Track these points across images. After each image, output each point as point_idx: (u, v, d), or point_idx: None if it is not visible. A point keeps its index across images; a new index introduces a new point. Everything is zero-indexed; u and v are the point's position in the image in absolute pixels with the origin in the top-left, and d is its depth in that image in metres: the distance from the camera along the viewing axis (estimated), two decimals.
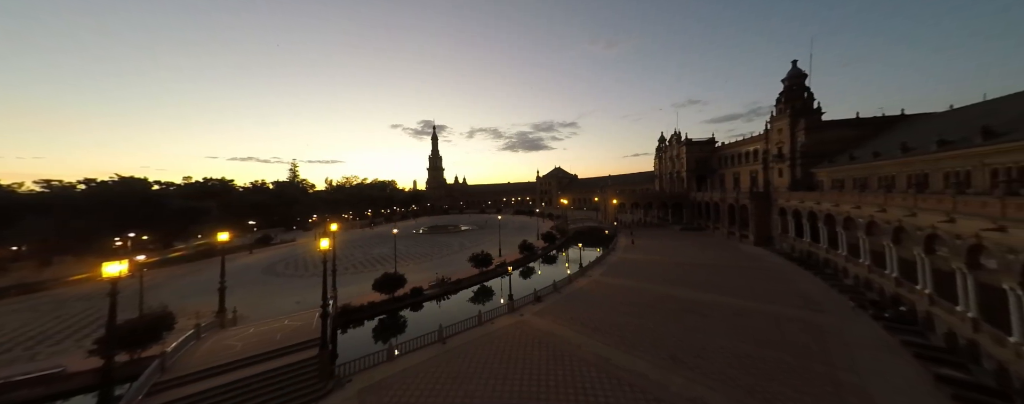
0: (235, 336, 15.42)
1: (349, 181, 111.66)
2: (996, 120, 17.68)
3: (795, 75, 38.34)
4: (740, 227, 38.60)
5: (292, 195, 76.78)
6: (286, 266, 34.39)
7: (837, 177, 29.75)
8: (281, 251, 44.34)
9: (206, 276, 29.99)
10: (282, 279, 28.90)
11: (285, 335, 15.20)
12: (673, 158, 63.18)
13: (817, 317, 16.16)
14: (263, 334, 15.51)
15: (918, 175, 20.62)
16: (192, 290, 26.06)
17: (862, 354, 12.57)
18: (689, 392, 10.53)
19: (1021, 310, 10.10)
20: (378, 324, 19.75)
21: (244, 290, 24.96)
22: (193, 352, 13.70)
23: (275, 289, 25.52)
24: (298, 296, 22.85)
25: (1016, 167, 14.66)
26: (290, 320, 17.39)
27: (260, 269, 33.38)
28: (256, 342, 14.52)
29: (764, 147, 41.68)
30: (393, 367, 12.90)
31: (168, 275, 32.44)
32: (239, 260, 38.61)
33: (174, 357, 12.99)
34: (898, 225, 16.68)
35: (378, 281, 21.68)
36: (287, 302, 21.59)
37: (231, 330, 16.39)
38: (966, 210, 12.42)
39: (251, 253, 43.61)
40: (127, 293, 20.29)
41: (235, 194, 69.69)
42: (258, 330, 16.10)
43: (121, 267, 8.31)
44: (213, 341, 14.84)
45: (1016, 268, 10.04)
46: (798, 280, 22.57)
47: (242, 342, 14.60)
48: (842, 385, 10.66)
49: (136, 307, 17.13)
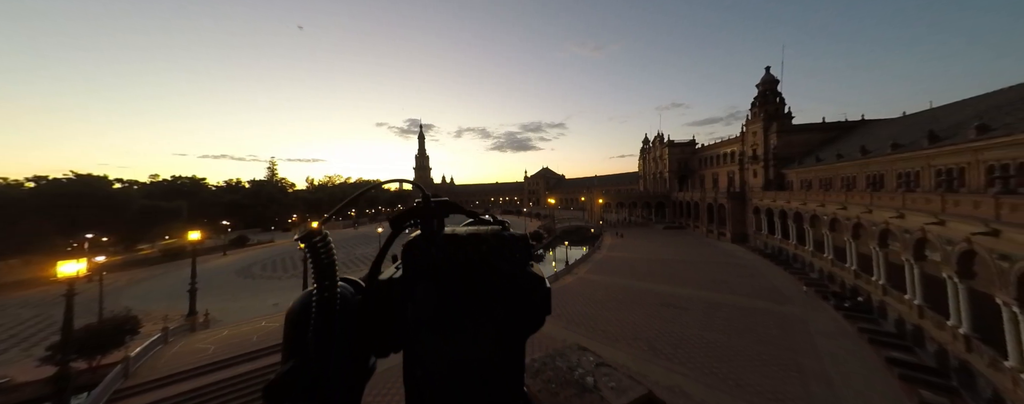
0: (207, 339, 14.81)
1: (331, 180, 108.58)
2: (939, 126, 19.36)
3: (768, 81, 40.41)
4: (718, 225, 40.29)
5: (270, 194, 73.75)
6: (263, 268, 33.20)
7: (805, 177, 31.60)
8: (258, 252, 42.78)
9: (174, 279, 28.60)
10: (259, 281, 27.94)
11: (262, 337, 14.70)
12: (656, 159, 65.10)
13: (785, 308, 17.18)
14: (238, 336, 14.96)
15: (875, 175, 22.26)
16: (158, 293, 24.80)
17: (823, 341, 13.50)
18: (667, 381, 11.04)
19: (958, 297, 11.17)
20: None
21: (217, 292, 24.01)
22: (160, 357, 13.07)
23: (251, 291, 24.64)
24: (276, 298, 22.12)
25: (956, 167, 16.13)
26: (268, 322, 16.81)
27: (234, 271, 32.08)
28: (231, 345, 13.99)
29: (740, 149, 43.67)
30: (378, 365, 12.80)
31: (131, 278, 30.73)
32: (212, 262, 36.97)
33: (139, 362, 12.31)
34: (857, 222, 17.98)
35: None
36: (264, 304, 20.87)
37: (202, 333, 15.72)
38: (913, 207, 13.58)
39: (225, 255, 41.78)
40: (84, 298, 19.08)
41: (207, 193, 66.33)
42: (233, 332, 15.51)
43: (78, 267, 7.90)
44: (182, 345, 14.20)
45: (953, 258, 11.09)
46: (769, 275, 23.85)
47: (215, 345, 14.05)
48: (805, 369, 11.46)
49: (95, 312, 16.14)
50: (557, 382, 1.53)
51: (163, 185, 62.55)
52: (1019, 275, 8.64)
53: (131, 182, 58.30)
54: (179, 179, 65.56)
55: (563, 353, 1.83)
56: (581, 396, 1.42)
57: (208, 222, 52.27)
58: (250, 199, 68.91)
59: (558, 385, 1.50)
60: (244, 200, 67.69)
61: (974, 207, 10.62)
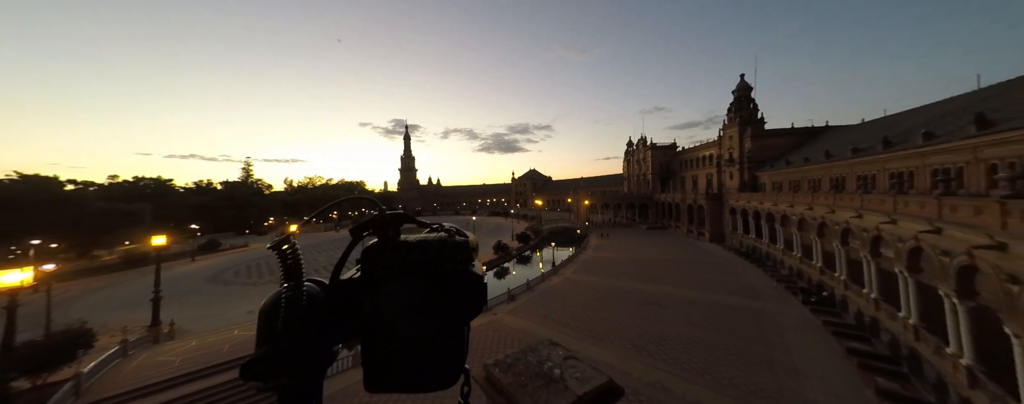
0: (172, 351, 13.95)
1: (312, 182, 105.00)
2: (892, 132, 21.02)
3: (743, 88, 42.48)
4: (698, 225, 41.87)
5: (245, 196, 70.15)
6: (236, 274, 31.72)
7: (776, 180, 33.41)
8: (230, 257, 40.82)
9: (135, 287, 26.96)
10: (231, 287, 26.69)
11: (235, 346, 14.00)
12: (640, 161, 66.92)
13: (757, 304, 18.10)
14: (207, 347, 14.19)
15: (837, 178, 23.85)
16: (117, 303, 23.22)
17: (791, 334, 14.34)
18: (649, 377, 11.41)
19: (907, 290, 12.16)
20: None
21: (184, 300, 22.75)
22: (119, 371, 12.17)
23: (222, 298, 23.47)
24: (250, 305, 21.15)
25: (906, 171, 17.56)
26: (241, 330, 16.04)
27: (204, 277, 30.51)
28: (199, 356, 13.23)
29: (718, 152, 45.60)
30: (356, 374, 12.50)
31: (87, 287, 28.58)
32: (178, 268, 34.95)
33: (93, 378, 11.38)
34: (821, 221, 19.21)
35: None
36: (237, 312, 19.89)
37: (167, 345, 14.82)
38: (870, 207, 14.68)
39: (193, 260, 39.55)
40: (31, 310, 17.76)
41: (174, 195, 62.53)
42: (202, 343, 14.71)
43: (22, 276, 7.32)
44: (144, 358, 13.32)
45: (904, 255, 12.08)
46: (744, 272, 25.03)
47: (181, 357, 13.23)
48: (775, 361, 12.14)
49: (42, 325, 14.84)
50: (527, 375, 1.66)
51: (123, 187, 58.51)
52: (957, 269, 9.54)
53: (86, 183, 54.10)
54: (142, 180, 61.53)
55: (535, 348, 1.98)
56: (547, 386, 1.57)
57: (175, 226, 49.32)
58: (223, 201, 65.58)
59: (528, 377, 1.63)
60: (216, 202, 64.35)
61: (920, 207, 11.63)
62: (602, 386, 1.61)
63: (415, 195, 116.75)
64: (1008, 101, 14.90)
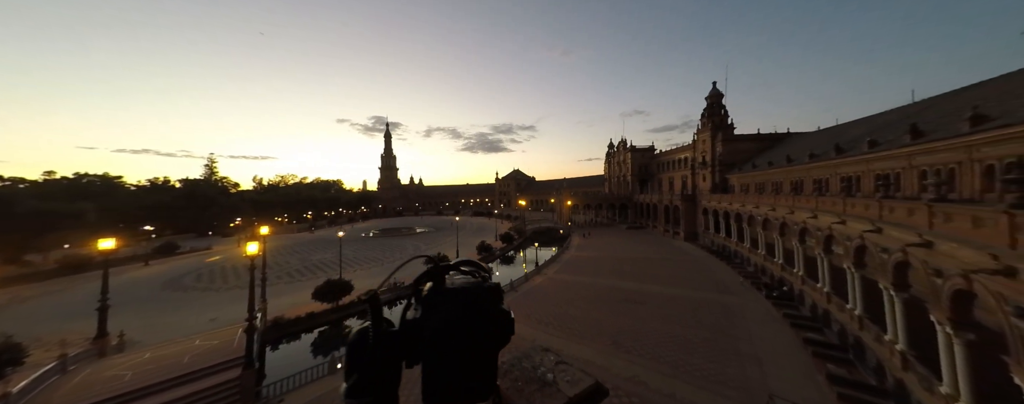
0: (122, 365, 12.84)
1: (284, 180, 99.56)
2: (843, 139, 23.09)
3: (715, 95, 44.89)
4: (673, 225, 43.85)
5: (208, 195, 64.98)
6: (197, 278, 29.68)
7: (743, 182, 35.64)
8: (190, 261, 38.06)
9: (76, 296, 24.70)
10: (192, 294, 24.92)
11: (197, 357, 13.14)
12: (620, 163, 69.00)
13: (726, 299, 19.32)
14: (165, 358, 13.20)
15: (797, 181, 25.84)
16: (52, 313, 21.11)
17: (756, 327, 15.44)
18: (628, 372, 11.92)
19: (854, 284, 13.46)
20: (318, 337, 18.24)
21: (136, 309, 21.00)
22: (57, 389, 11.14)
23: (181, 306, 21.87)
24: (213, 312, 19.95)
25: (854, 175, 19.37)
26: (203, 339, 15.07)
27: (160, 283, 28.31)
28: (155, 369, 12.27)
29: (692, 155, 47.93)
30: (335, 380, 12.17)
31: (15, 296, 25.67)
32: (129, 273, 32.18)
33: (25, 398, 10.40)
34: (782, 221, 20.77)
35: (319, 289, 19.95)
36: (198, 320, 18.72)
37: (116, 358, 13.59)
38: (824, 208, 16.08)
39: (147, 264, 36.55)
40: None
41: (124, 194, 57.09)
42: (157, 354, 13.64)
43: None
44: (88, 374, 12.17)
45: (851, 252, 13.35)
46: (715, 269, 26.57)
47: (133, 371, 12.21)
48: (741, 352, 13.07)
49: None
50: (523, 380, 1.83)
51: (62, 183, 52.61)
52: (894, 264, 10.71)
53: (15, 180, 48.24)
54: (85, 177, 55.70)
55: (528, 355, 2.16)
56: (541, 390, 1.76)
57: (126, 227, 45.13)
58: (182, 201, 60.61)
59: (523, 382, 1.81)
60: (174, 202, 59.40)
61: (865, 209, 12.91)
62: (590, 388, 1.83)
63: (396, 195, 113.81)
64: (937, 114, 16.83)
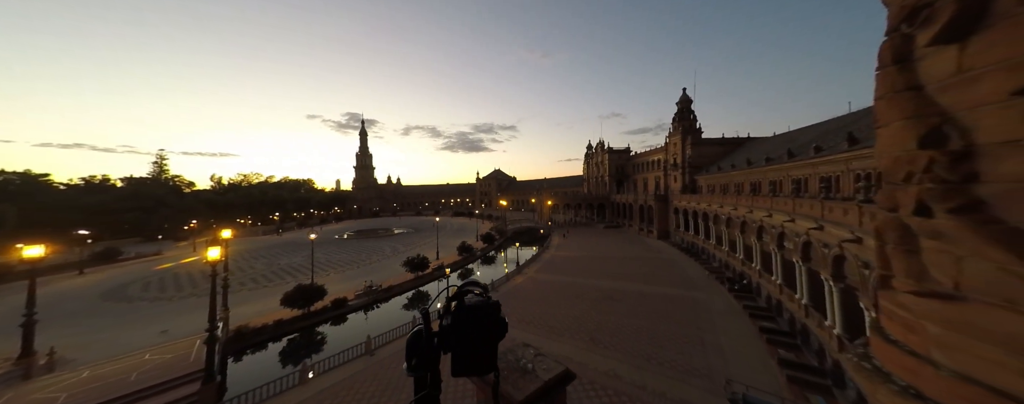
0: (54, 386, 11.47)
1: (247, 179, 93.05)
2: (794, 144, 25.39)
3: (685, 100, 47.48)
4: (648, 224, 45.94)
5: (157, 196, 58.69)
6: (145, 287, 27.09)
7: (710, 183, 38.08)
8: (134, 269, 34.52)
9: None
10: (138, 305, 22.66)
11: (146, 373, 12.02)
12: (598, 164, 71.10)
13: (694, 294, 20.64)
14: (107, 376, 11.95)
15: (755, 182, 28.06)
16: None
17: (719, 318, 16.68)
18: (604, 366, 12.48)
19: (800, 276, 14.93)
20: (287, 345, 17.39)
21: (69, 323, 18.93)
22: None
23: (125, 318, 19.87)
24: (165, 324, 18.34)
25: (803, 178, 21.40)
26: (154, 353, 13.83)
27: (99, 294, 25.63)
28: (94, 389, 11.02)
29: (664, 157, 50.41)
30: (306, 391, 11.66)
31: None
32: (60, 284, 28.72)
33: None
34: (743, 220, 22.51)
35: (289, 295, 18.94)
36: (146, 333, 17.04)
37: (46, 379, 12.11)
38: (777, 208, 17.66)
39: (81, 273, 32.68)
40: None
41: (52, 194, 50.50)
42: (98, 373, 12.34)
43: None
44: (11, 397, 10.87)
45: (799, 247, 14.81)
46: (685, 266, 28.22)
47: (67, 392, 10.92)
48: (706, 343, 14.09)
49: None
50: (507, 369, 2.36)
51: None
52: (833, 258, 12.06)
53: None
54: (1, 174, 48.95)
55: (513, 350, 2.71)
56: (523, 377, 2.29)
57: (55, 231, 40.10)
58: (125, 202, 54.53)
59: (508, 371, 2.32)
60: (115, 203, 53.30)
61: (810, 209, 14.37)
62: (561, 373, 2.43)
63: (372, 195, 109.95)
64: (869, 124, 19.02)
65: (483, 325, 1.29)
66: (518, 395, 2.09)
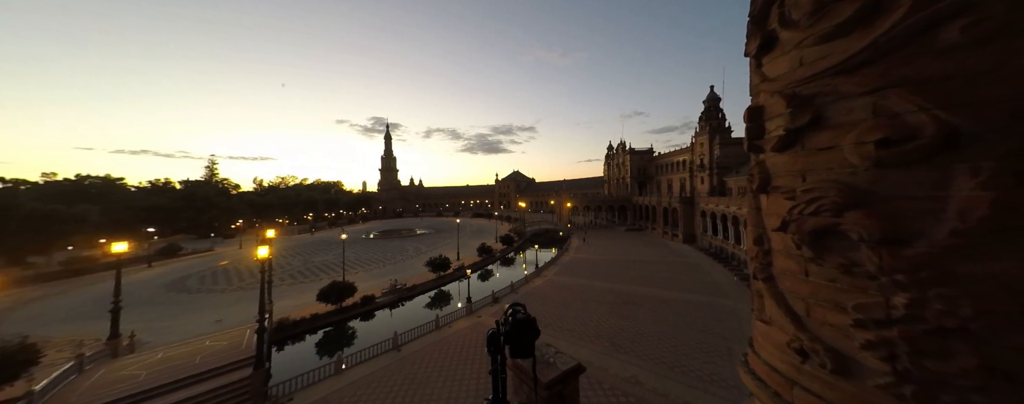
0: (136, 364, 13.22)
1: (284, 181, 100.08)
2: None
3: (712, 98, 45.45)
4: (672, 227, 44.32)
5: (208, 197, 64.84)
6: (201, 280, 29.98)
7: (740, 185, 36.13)
8: (192, 263, 38.38)
9: (78, 297, 25.12)
10: (196, 295, 25.20)
11: (207, 357, 13.53)
12: (619, 165, 69.50)
13: (721, 300, 19.76)
14: (176, 359, 13.58)
15: None
16: (57, 315, 21.42)
17: (748, 327, 15.61)
18: (625, 373, 12.31)
19: None
20: (323, 338, 18.61)
21: (143, 311, 21.36)
22: (74, 388, 11.48)
23: (186, 307, 22.20)
24: (218, 314, 20.26)
25: None
26: (212, 340, 15.45)
27: (163, 285, 28.61)
28: (167, 369, 12.64)
29: (690, 158, 48.43)
30: (340, 381, 12.50)
31: (19, 298, 25.93)
32: (133, 275, 32.40)
33: (45, 396, 10.72)
34: None
35: (324, 291, 20.30)
36: (204, 321, 19.00)
37: (129, 358, 13.97)
38: None
39: (150, 266, 36.88)
40: None
41: (124, 195, 57.40)
42: (169, 355, 14.03)
43: None
44: (104, 373, 12.55)
45: None
46: (711, 271, 27.01)
47: (147, 371, 12.59)
48: (734, 353, 13.48)
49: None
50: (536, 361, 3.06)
51: (63, 185, 52.96)
52: None
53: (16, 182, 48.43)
54: (86, 178, 55.97)
55: (538, 348, 3.42)
56: (547, 367, 3.16)
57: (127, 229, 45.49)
58: (182, 202, 60.86)
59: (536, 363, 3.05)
60: (175, 203, 59.63)
61: None
62: (574, 366, 3.34)
63: (396, 196, 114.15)
64: None
65: (527, 331, 2.33)
66: (544, 379, 3.04)
